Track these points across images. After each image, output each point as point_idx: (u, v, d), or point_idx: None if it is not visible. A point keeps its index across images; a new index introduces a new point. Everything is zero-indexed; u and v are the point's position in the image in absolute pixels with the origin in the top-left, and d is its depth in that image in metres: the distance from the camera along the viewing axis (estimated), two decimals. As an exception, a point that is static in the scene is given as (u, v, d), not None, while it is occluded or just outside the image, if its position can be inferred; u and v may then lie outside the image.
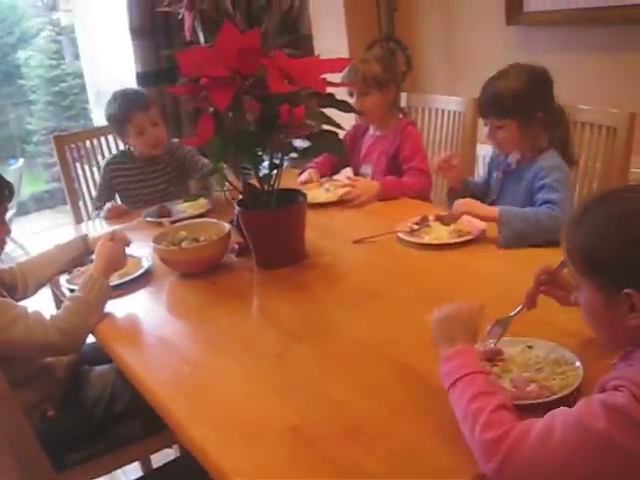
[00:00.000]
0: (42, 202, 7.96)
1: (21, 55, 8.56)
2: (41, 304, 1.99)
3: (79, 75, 7.58)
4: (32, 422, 1.83)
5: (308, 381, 1.46)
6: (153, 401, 1.49)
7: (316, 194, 2.57)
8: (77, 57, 7.57)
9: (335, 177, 2.84)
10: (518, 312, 1.47)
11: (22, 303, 1.91)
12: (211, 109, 1.87)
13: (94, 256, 2.01)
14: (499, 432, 1.06)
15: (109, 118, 2.92)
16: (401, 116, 2.82)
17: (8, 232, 2.03)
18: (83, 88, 7.29)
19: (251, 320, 1.84)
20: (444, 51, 3.64)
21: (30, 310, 1.83)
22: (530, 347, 1.43)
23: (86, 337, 1.86)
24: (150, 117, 2.87)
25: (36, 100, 8.54)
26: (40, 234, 6.10)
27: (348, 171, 2.93)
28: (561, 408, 1.07)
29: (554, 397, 1.26)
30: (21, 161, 7.23)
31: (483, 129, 2.32)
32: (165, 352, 1.69)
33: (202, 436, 1.32)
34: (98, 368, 2.11)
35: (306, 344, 1.61)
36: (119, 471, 2.34)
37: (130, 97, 2.92)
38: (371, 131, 2.84)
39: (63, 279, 2.16)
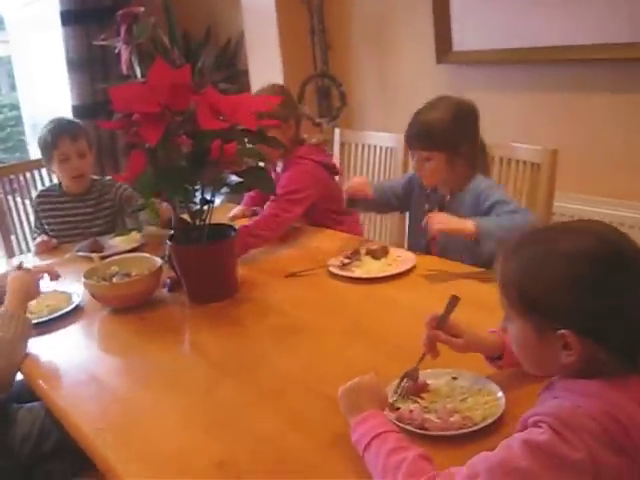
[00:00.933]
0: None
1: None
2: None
3: (16, 107, 7.48)
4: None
5: (236, 415, 1.47)
6: (80, 438, 1.48)
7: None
8: (14, 88, 7.48)
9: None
10: (421, 359, 1.48)
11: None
12: (146, 145, 1.87)
13: (7, 290, 1.97)
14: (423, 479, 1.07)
15: (39, 142, 2.92)
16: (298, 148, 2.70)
17: None
18: (20, 120, 7.19)
19: (182, 355, 1.84)
20: (377, 88, 3.72)
21: None
22: (455, 378, 1.46)
23: (13, 377, 1.83)
24: (78, 147, 2.85)
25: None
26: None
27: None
28: (482, 453, 1.06)
29: (476, 427, 1.29)
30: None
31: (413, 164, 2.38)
32: (94, 389, 1.67)
33: (130, 473, 1.32)
34: (27, 406, 2.07)
35: (235, 378, 1.62)
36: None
37: (62, 124, 2.93)
38: (277, 168, 2.78)
39: None
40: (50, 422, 1.97)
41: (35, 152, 5.30)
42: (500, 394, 1.38)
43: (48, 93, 5.19)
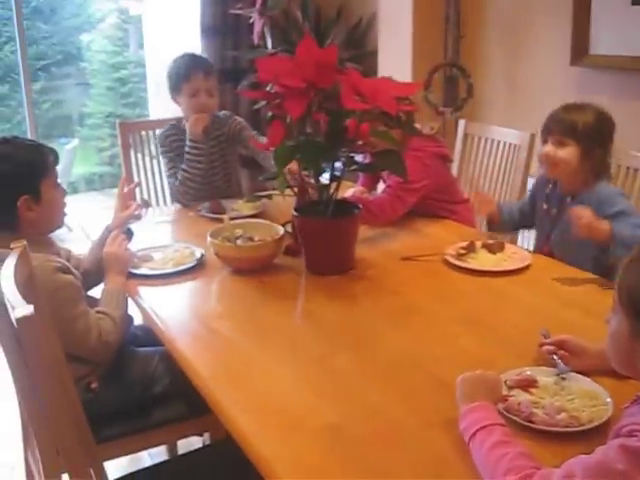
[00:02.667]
0: (91, 184, 8.15)
1: (84, 39, 8.76)
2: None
3: (141, 64, 7.76)
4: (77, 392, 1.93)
5: (348, 385, 1.54)
6: (201, 386, 1.58)
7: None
8: (141, 47, 7.76)
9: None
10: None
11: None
12: (285, 117, 1.95)
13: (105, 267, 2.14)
14: (520, 475, 1.12)
15: (170, 71, 2.95)
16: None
17: (64, 193, 2.15)
18: (143, 77, 7.46)
19: (298, 321, 1.93)
20: (506, 82, 3.70)
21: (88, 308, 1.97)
22: (564, 378, 1.49)
23: (121, 341, 2.03)
24: (208, 84, 2.91)
25: (95, 84, 8.71)
26: (90, 215, 6.24)
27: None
28: (578, 456, 1.12)
29: (582, 428, 1.32)
30: (76, 141, 7.42)
31: (536, 165, 2.40)
32: (214, 342, 1.78)
33: (245, 422, 1.41)
34: (142, 350, 2.21)
35: (348, 349, 1.69)
36: (144, 453, 2.42)
37: (198, 59, 3.00)
38: None
39: None
40: (163, 368, 2.11)
41: (155, 110, 5.50)
42: (609, 399, 1.41)
43: (175, 55, 5.33)
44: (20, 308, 1.28)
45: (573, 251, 2.22)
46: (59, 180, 2.14)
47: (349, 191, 2.86)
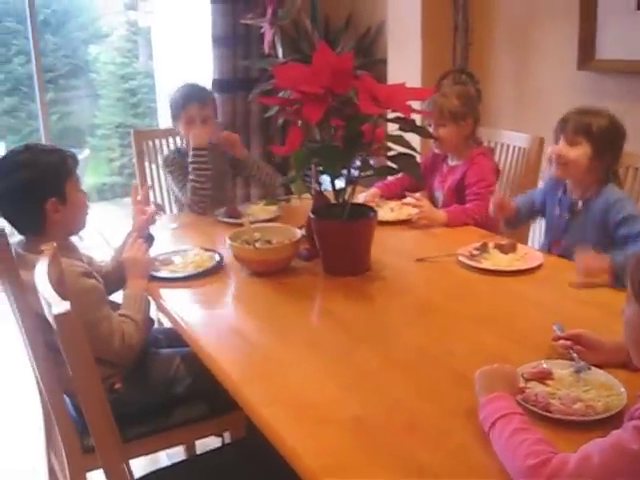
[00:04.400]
0: (102, 194, 8.22)
1: (92, 51, 8.83)
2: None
3: (150, 75, 7.85)
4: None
5: (370, 379, 1.60)
6: (227, 382, 1.63)
7: (381, 213, 2.70)
8: (150, 57, 7.84)
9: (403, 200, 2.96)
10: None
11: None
12: (299, 122, 2.01)
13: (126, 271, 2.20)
14: (540, 459, 1.17)
15: (170, 101, 3.11)
16: (476, 146, 2.94)
17: (86, 195, 2.22)
18: (152, 88, 7.55)
19: (318, 320, 1.99)
20: (514, 88, 3.76)
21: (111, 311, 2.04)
22: (578, 371, 1.54)
23: (144, 343, 2.10)
24: (203, 113, 3.03)
25: (105, 95, 8.79)
26: (103, 224, 6.34)
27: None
28: (594, 440, 1.18)
29: (598, 417, 1.37)
30: (87, 152, 7.49)
31: (544, 169, 2.46)
32: (238, 341, 1.83)
33: (272, 416, 1.46)
34: (164, 351, 2.27)
35: (368, 346, 1.75)
36: (162, 453, 2.46)
37: (193, 89, 3.11)
38: (449, 161, 2.98)
39: None
40: (184, 369, 2.17)
41: (165, 120, 5.56)
42: (622, 389, 1.45)
43: (185, 65, 5.40)
44: (58, 305, 1.33)
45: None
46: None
47: (361, 195, 2.92)
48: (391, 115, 2.01)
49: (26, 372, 2.07)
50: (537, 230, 2.95)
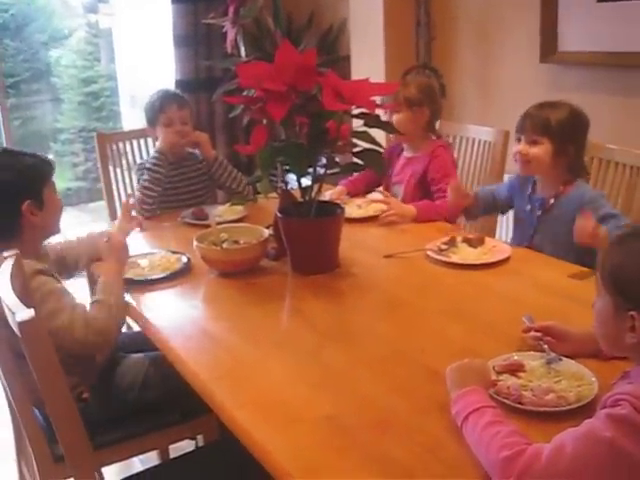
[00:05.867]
0: (66, 199, 8.10)
1: (53, 54, 8.72)
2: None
3: (113, 78, 7.75)
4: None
5: (340, 377, 1.59)
6: (197, 384, 1.61)
7: (348, 210, 2.68)
8: (112, 60, 7.76)
9: (368, 196, 2.96)
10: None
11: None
12: (264, 120, 1.99)
13: (106, 250, 2.16)
14: (514, 450, 1.16)
15: (146, 107, 3.11)
16: (434, 138, 2.94)
17: (61, 200, 2.23)
18: (115, 91, 7.45)
19: (287, 319, 1.98)
20: (478, 82, 3.77)
21: (76, 302, 1.98)
22: (549, 362, 1.55)
23: (117, 336, 2.04)
24: (182, 115, 3.06)
25: (67, 99, 8.67)
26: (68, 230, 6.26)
27: (377, 194, 3.05)
28: (567, 430, 1.18)
29: (570, 407, 1.37)
30: (50, 157, 7.39)
31: (510, 162, 2.46)
32: (207, 342, 1.81)
33: (244, 417, 1.44)
34: (132, 356, 2.23)
35: (339, 344, 1.74)
36: (135, 459, 2.42)
37: (171, 93, 3.19)
38: (405, 152, 2.97)
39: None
40: (154, 373, 2.14)
41: (129, 123, 5.50)
42: (594, 379, 1.46)
43: (148, 67, 5.35)
44: (21, 312, 1.30)
45: (559, 250, 2.26)
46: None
47: (327, 193, 2.90)
48: (355, 111, 2.00)
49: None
50: (504, 226, 2.96)
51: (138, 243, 2.56)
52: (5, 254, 1.69)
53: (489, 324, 1.79)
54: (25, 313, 1.29)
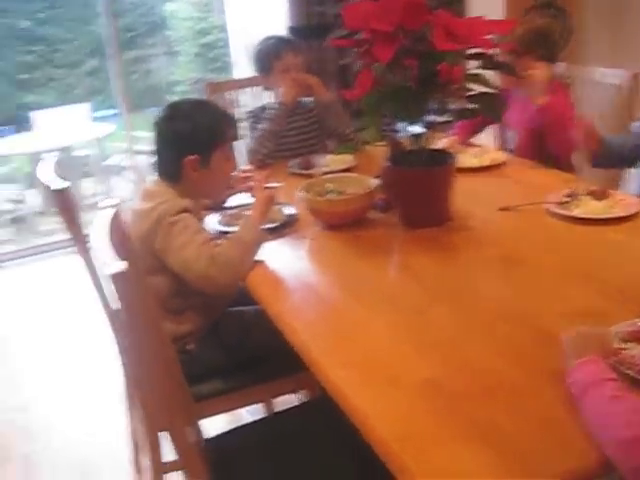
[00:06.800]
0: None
1: (167, 8, 8.82)
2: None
3: (225, 29, 7.77)
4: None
5: (447, 339, 1.48)
6: (296, 342, 1.54)
7: (462, 159, 2.54)
8: (222, 11, 7.75)
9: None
10: None
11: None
12: (373, 64, 1.87)
13: (254, 201, 2.08)
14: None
15: (258, 53, 3.03)
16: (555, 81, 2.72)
17: (233, 169, 2.23)
18: (226, 42, 7.47)
19: (393, 276, 1.85)
20: (607, 22, 3.49)
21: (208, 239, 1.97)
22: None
23: (242, 276, 1.92)
24: (297, 62, 2.97)
25: (182, 51, 8.78)
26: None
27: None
28: None
29: None
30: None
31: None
32: (309, 297, 1.74)
33: (342, 378, 1.36)
34: (237, 309, 2.20)
35: (447, 303, 1.62)
36: (242, 410, 2.41)
37: (285, 39, 3.08)
38: (518, 95, 2.76)
39: (213, 218, 2.26)
40: (260, 327, 2.07)
41: (239, 73, 5.47)
42: None
43: (259, 16, 5.30)
44: (114, 264, 1.25)
45: None
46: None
47: (440, 142, 2.75)
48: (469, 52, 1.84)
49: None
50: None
51: (245, 194, 2.51)
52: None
53: (615, 286, 1.62)
54: (117, 265, 1.24)
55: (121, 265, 1.26)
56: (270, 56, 2.97)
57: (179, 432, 1.41)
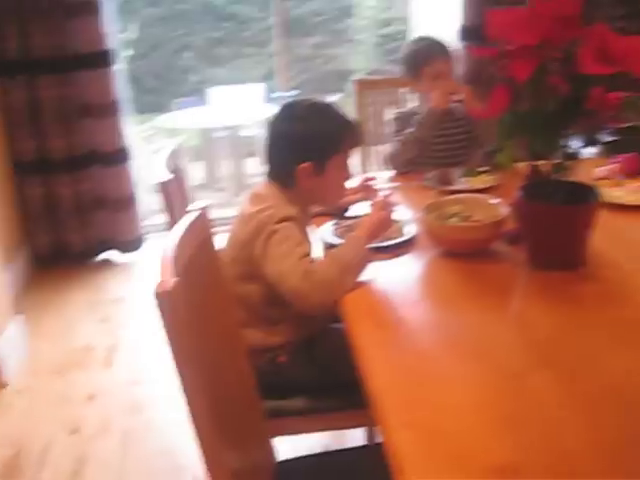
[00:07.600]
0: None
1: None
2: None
3: (406, 21, 7.62)
4: (259, 363, 1.83)
5: (541, 415, 1.24)
6: (370, 387, 1.37)
7: (617, 193, 2.23)
8: (406, 3, 7.61)
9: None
10: None
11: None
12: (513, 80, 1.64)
13: (366, 218, 1.92)
14: None
15: (406, 57, 2.89)
16: None
17: (347, 178, 2.07)
18: (405, 35, 7.33)
19: (501, 322, 1.60)
20: None
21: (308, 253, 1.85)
22: None
23: (338, 297, 1.75)
24: (447, 69, 2.81)
25: (362, 40, 8.75)
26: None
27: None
28: None
29: None
30: (338, 96, 7.47)
31: None
32: (398, 334, 1.56)
33: (404, 441, 1.18)
34: (335, 326, 2.04)
35: (553, 370, 1.37)
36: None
37: (435, 42, 2.89)
38: None
39: (328, 227, 2.12)
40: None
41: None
42: None
43: (438, 11, 5.16)
44: (162, 282, 1.14)
45: None
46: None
47: (598, 170, 2.45)
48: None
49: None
50: None
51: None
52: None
53: None
54: (166, 283, 1.13)
55: (169, 283, 1.15)
56: (419, 61, 2.82)
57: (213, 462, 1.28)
